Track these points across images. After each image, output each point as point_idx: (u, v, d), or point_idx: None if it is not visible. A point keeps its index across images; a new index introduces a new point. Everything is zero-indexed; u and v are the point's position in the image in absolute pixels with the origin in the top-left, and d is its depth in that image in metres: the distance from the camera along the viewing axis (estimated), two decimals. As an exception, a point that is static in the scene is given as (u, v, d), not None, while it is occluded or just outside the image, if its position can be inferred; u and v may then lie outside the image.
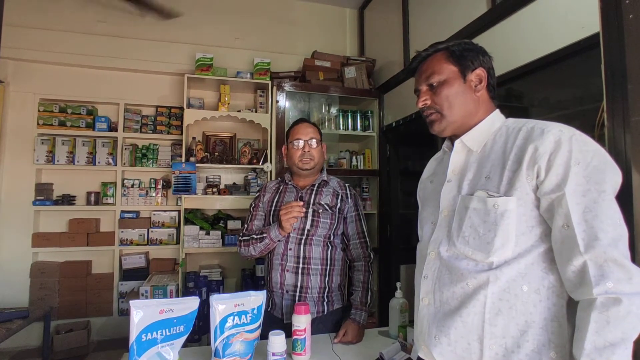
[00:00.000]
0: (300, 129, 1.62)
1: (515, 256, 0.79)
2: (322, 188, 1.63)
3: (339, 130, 3.29)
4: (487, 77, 0.92)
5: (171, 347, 1.02)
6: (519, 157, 0.80)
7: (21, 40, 3.00)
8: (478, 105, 0.92)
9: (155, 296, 2.82)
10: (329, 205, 1.58)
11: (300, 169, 1.60)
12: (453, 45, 0.94)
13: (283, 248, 1.53)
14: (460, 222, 0.86)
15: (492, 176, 0.84)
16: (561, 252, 0.75)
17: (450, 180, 0.93)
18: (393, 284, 1.70)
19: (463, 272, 0.84)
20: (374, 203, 3.26)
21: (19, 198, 3.03)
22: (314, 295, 1.52)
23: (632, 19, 0.92)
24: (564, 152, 0.75)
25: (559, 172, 0.75)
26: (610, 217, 0.71)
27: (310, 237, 1.53)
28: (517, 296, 0.78)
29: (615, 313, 0.68)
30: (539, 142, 0.77)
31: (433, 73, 0.93)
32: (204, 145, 3.29)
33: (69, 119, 3.13)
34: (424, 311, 0.91)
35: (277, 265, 1.53)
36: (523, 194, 0.78)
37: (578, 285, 0.73)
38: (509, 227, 0.78)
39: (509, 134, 0.86)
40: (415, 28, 2.78)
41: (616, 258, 0.69)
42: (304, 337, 1.23)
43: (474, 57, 0.92)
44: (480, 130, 0.91)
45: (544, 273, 0.78)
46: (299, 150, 1.59)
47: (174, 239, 3.28)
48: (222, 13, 3.49)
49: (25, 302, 2.97)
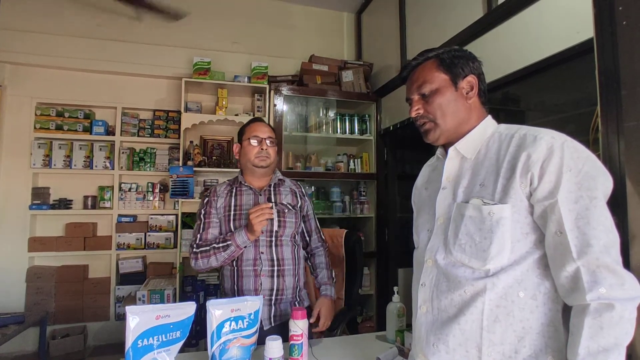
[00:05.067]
0: (257, 126, 1.59)
1: (511, 263, 0.79)
2: (279, 188, 1.62)
3: (336, 134, 3.30)
4: (477, 83, 0.92)
5: (167, 352, 1.02)
6: (512, 165, 0.80)
7: (18, 44, 3.00)
8: (470, 112, 0.92)
9: (152, 300, 2.80)
10: (292, 204, 1.59)
11: (255, 166, 1.54)
12: (443, 53, 0.94)
13: (253, 253, 1.48)
14: (457, 230, 0.86)
15: (486, 183, 0.84)
16: (554, 258, 0.76)
17: (445, 188, 0.93)
18: (390, 288, 1.70)
19: (460, 279, 0.84)
20: (372, 207, 3.26)
21: (15, 202, 3.01)
22: (289, 297, 1.52)
23: (626, 25, 0.92)
24: (556, 159, 0.75)
25: (551, 179, 0.75)
26: (602, 223, 0.72)
27: (279, 239, 1.52)
28: (514, 302, 0.79)
29: (608, 319, 0.68)
30: (531, 149, 0.78)
31: (424, 82, 0.93)
32: (202, 149, 3.29)
33: (66, 123, 3.12)
34: (422, 319, 0.90)
35: (249, 272, 1.48)
36: (517, 201, 0.79)
37: (571, 291, 0.74)
38: (504, 234, 0.79)
39: (502, 141, 0.86)
40: (412, 32, 2.79)
41: (608, 264, 0.70)
42: (301, 342, 1.23)
43: (464, 64, 0.92)
44: (473, 137, 0.91)
45: (540, 279, 0.79)
46: (256, 147, 1.54)
47: (172, 243, 3.26)
48: (219, 17, 3.50)
49: (21, 307, 2.95)
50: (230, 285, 1.52)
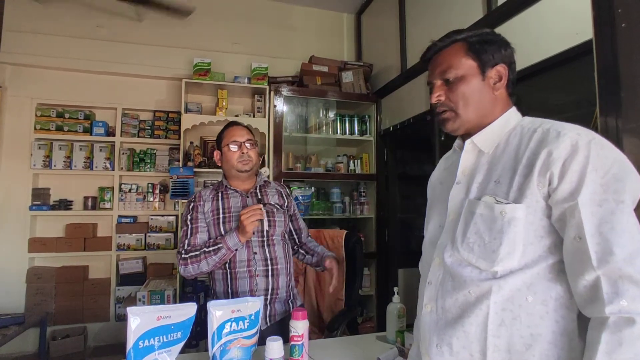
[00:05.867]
0: (235, 131, 1.58)
1: (521, 266, 0.74)
2: (265, 189, 1.65)
3: (336, 135, 3.30)
4: (507, 73, 0.85)
5: (168, 353, 1.02)
6: (531, 162, 0.74)
7: (19, 45, 3.00)
8: (495, 105, 0.85)
9: (152, 301, 2.80)
10: (279, 204, 1.63)
11: (239, 171, 1.55)
12: (472, 37, 0.85)
13: (247, 254, 1.49)
14: (465, 228, 0.81)
15: (501, 180, 0.78)
16: (572, 265, 0.70)
17: (459, 182, 0.87)
18: (391, 288, 1.70)
19: (466, 279, 0.79)
20: (372, 207, 3.26)
21: (15, 203, 3.01)
22: (283, 296, 1.54)
23: (625, 27, 0.93)
24: (581, 157, 0.69)
25: (573, 179, 0.69)
26: (628, 230, 0.66)
27: (271, 238, 1.54)
28: (521, 307, 0.74)
29: (628, 334, 0.62)
30: (553, 146, 0.72)
31: (450, 67, 0.85)
32: (202, 149, 3.29)
33: (66, 124, 3.13)
34: (426, 318, 0.86)
35: (244, 273, 1.48)
36: (533, 201, 0.73)
37: (589, 301, 0.67)
38: (516, 236, 0.73)
39: (523, 135, 0.80)
40: (412, 33, 2.80)
41: (632, 275, 0.64)
42: (302, 343, 1.23)
43: (495, 50, 0.84)
44: (493, 129, 0.84)
45: (552, 283, 0.73)
46: (237, 152, 1.54)
47: (172, 244, 3.26)
48: (220, 18, 3.51)
49: (21, 307, 2.95)
50: (224, 289, 1.51)
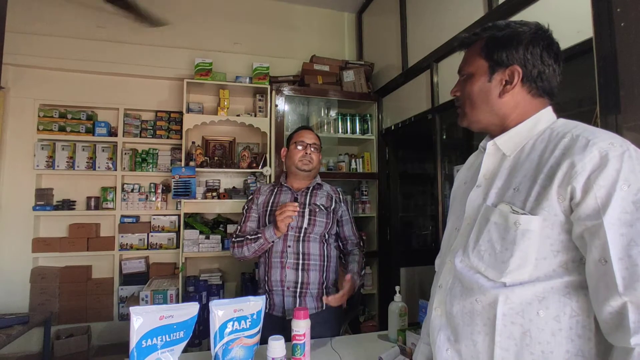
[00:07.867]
0: (305, 133, 1.75)
1: (532, 280, 0.70)
2: (316, 190, 1.72)
3: (337, 134, 3.31)
4: (521, 75, 0.79)
5: (171, 352, 1.03)
6: (552, 172, 0.68)
7: (21, 46, 3.01)
8: (512, 107, 0.81)
9: (155, 301, 2.82)
10: (324, 205, 1.68)
11: (299, 169, 1.69)
12: (496, 33, 0.82)
13: (282, 246, 1.59)
14: (479, 235, 0.77)
15: (521, 188, 0.73)
16: (597, 289, 0.64)
17: (479, 186, 0.83)
18: (392, 287, 1.71)
19: (473, 286, 0.76)
20: (373, 206, 3.26)
21: (19, 203, 3.03)
22: (314, 291, 1.58)
23: (624, 27, 0.93)
24: (611, 171, 0.62)
25: (600, 194, 0.63)
26: None
27: (307, 235, 1.61)
28: (531, 321, 0.69)
29: None
30: (578, 156, 0.65)
31: (466, 63, 0.85)
32: (204, 149, 3.30)
33: (68, 124, 3.14)
34: (435, 321, 0.84)
35: (277, 263, 1.58)
36: (551, 214, 0.68)
37: (614, 329, 0.62)
38: (528, 249, 0.69)
39: (550, 140, 0.74)
40: (412, 32, 2.79)
41: None
42: (304, 342, 1.24)
43: (514, 49, 0.79)
44: (518, 132, 0.80)
45: (567, 299, 0.68)
46: (301, 151, 1.69)
47: (174, 244, 3.28)
48: (221, 18, 3.51)
49: (26, 307, 2.97)
50: (263, 274, 1.65)
